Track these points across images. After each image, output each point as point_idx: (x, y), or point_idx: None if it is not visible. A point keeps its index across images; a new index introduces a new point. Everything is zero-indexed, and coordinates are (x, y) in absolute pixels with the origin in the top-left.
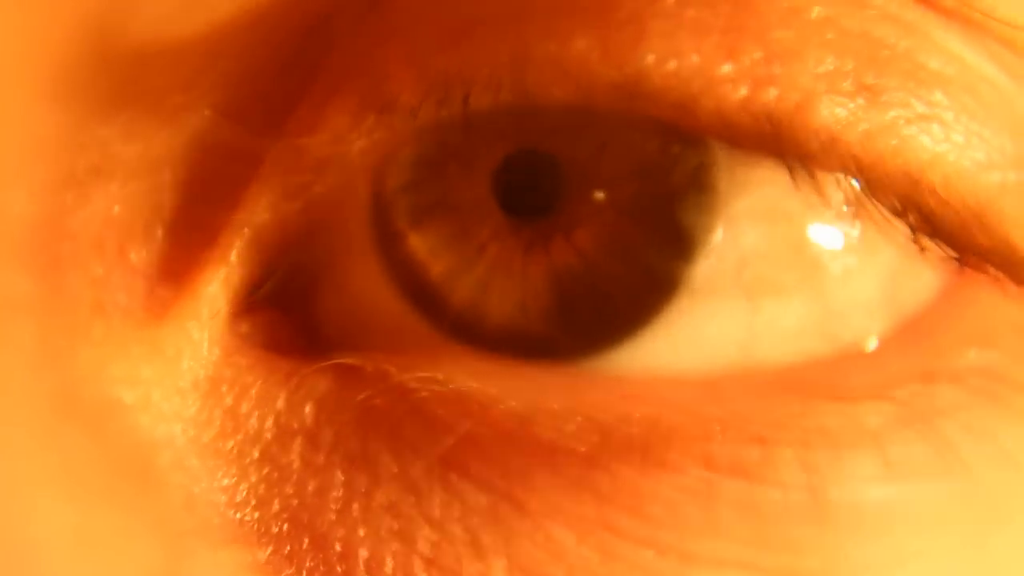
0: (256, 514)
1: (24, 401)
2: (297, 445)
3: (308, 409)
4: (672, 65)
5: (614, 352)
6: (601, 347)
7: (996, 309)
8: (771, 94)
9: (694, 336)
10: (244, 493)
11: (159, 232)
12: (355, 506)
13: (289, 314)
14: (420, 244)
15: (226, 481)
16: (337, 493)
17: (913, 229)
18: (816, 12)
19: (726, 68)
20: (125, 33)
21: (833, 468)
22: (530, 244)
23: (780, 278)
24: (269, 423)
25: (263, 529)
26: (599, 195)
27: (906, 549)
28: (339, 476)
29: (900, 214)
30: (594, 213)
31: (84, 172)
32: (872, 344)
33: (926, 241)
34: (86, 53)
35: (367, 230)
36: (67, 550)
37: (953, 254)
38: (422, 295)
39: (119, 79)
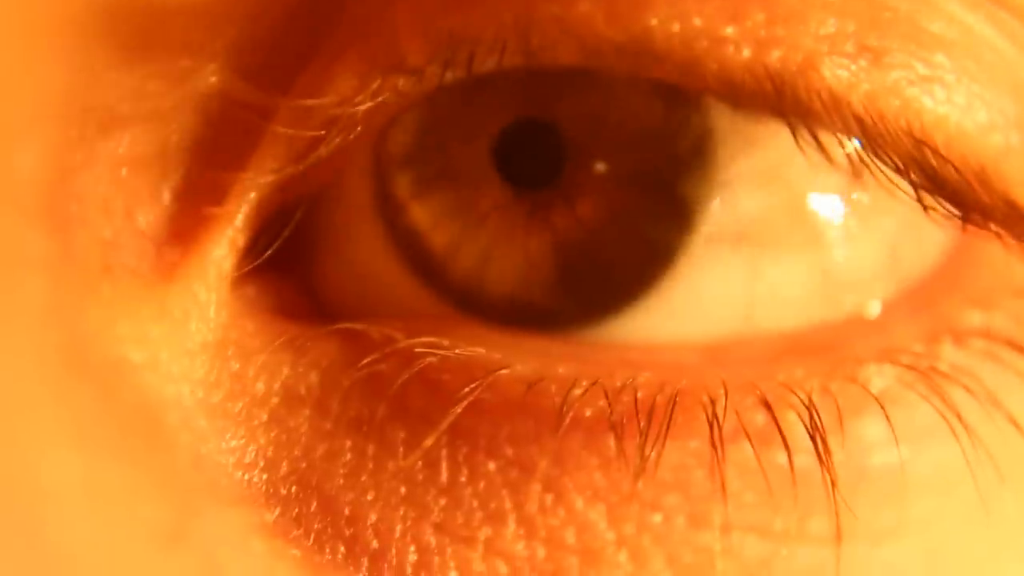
0: (264, 476)
1: (34, 356)
2: (304, 410)
3: (314, 375)
4: (676, 27)
5: (617, 320)
6: (604, 315)
7: (998, 271)
8: (774, 55)
9: (696, 303)
10: (252, 455)
11: (166, 194)
12: (364, 471)
13: (293, 279)
14: (422, 214)
15: (234, 443)
16: (345, 458)
17: (916, 187)
18: None
19: (729, 30)
20: None
21: (838, 432)
22: (532, 214)
23: (781, 244)
24: (276, 387)
25: (271, 491)
26: (600, 165)
27: (912, 511)
28: (347, 442)
29: (903, 173)
30: (595, 182)
31: (92, 131)
32: (875, 308)
33: (929, 199)
34: (98, 11)
35: (370, 199)
36: (76, 502)
37: (956, 212)
38: (425, 264)
39: (130, 38)
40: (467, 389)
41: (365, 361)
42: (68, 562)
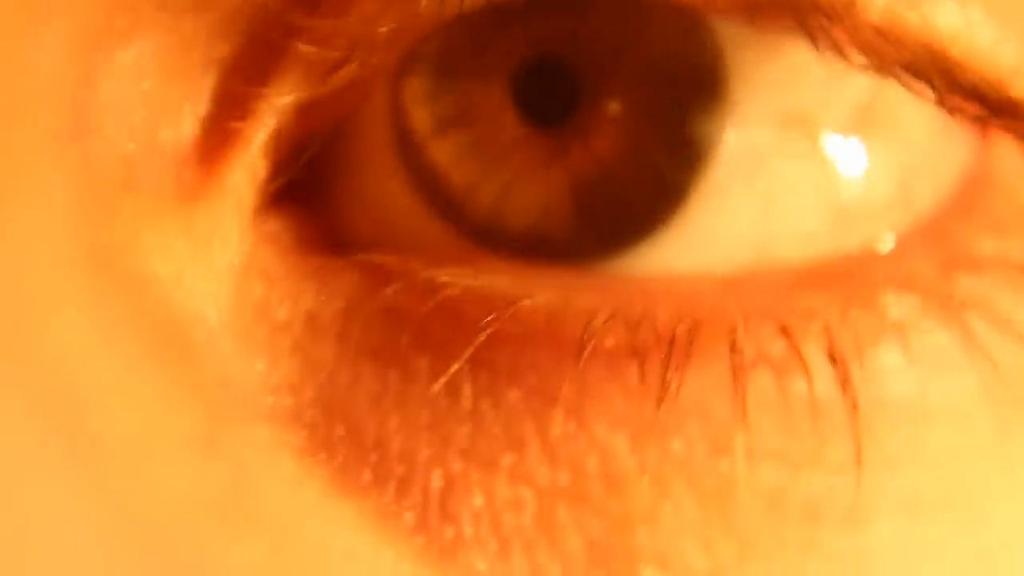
0: (289, 400)
1: (62, 261)
2: (327, 338)
3: (336, 304)
4: None
5: (635, 252)
6: (621, 248)
7: (1012, 198)
8: None
9: (709, 238)
10: (277, 379)
11: (187, 112)
12: (387, 398)
13: (314, 212)
14: (441, 152)
15: (259, 367)
16: (369, 386)
17: (937, 89)
18: None
19: None
20: None
21: (857, 359)
22: (550, 151)
23: (794, 178)
24: (299, 315)
25: (296, 415)
26: (614, 102)
27: (931, 439)
28: (369, 370)
29: (923, 78)
30: (609, 120)
31: (115, 36)
32: (889, 238)
33: (951, 101)
34: None
35: (388, 137)
36: (111, 406)
37: (980, 112)
38: (444, 201)
39: None
40: (489, 318)
41: (388, 291)
42: (107, 463)
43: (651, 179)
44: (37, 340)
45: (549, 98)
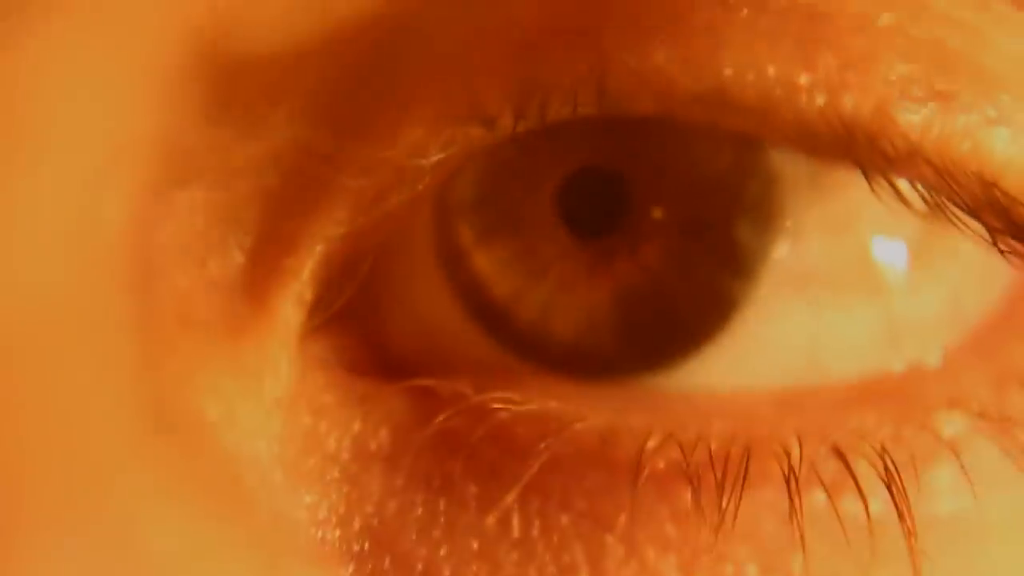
0: (337, 532)
1: (122, 416)
2: (375, 467)
3: (384, 432)
4: (751, 76)
5: (683, 368)
6: (669, 363)
7: None
8: (847, 101)
9: (761, 350)
10: (325, 511)
11: (234, 245)
12: (436, 527)
13: (361, 335)
14: (485, 263)
15: (308, 499)
16: (417, 514)
17: (990, 229)
18: (884, 19)
19: (803, 78)
20: (224, 44)
21: (912, 479)
22: (595, 262)
23: (844, 292)
24: (347, 444)
25: (345, 548)
26: (663, 213)
27: (986, 559)
28: (419, 497)
29: (975, 215)
30: (658, 230)
31: (172, 183)
32: (940, 355)
33: (1003, 242)
34: (186, 63)
35: (433, 248)
36: (171, 563)
37: None
38: (488, 314)
39: (211, 90)
40: (543, 444)
41: (439, 419)
42: None
43: (700, 290)
44: (103, 497)
45: (595, 207)
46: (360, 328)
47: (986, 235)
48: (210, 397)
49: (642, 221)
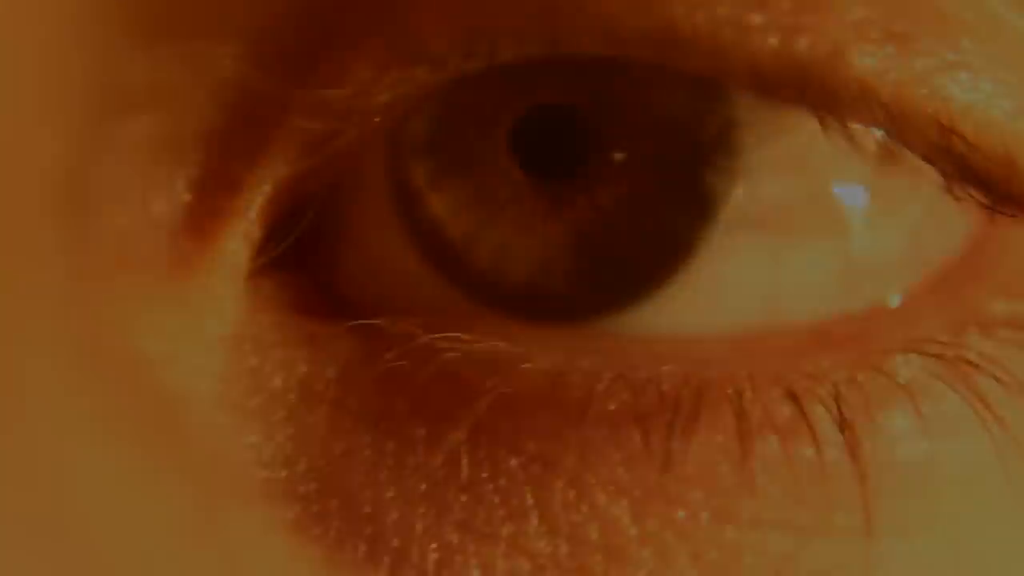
0: (283, 473)
1: (52, 349)
2: (322, 407)
3: (331, 371)
4: (701, 16)
5: (638, 311)
6: (625, 306)
7: (1023, 260)
8: (801, 44)
9: (718, 293)
10: (271, 452)
11: (181, 184)
12: (383, 468)
13: (309, 274)
14: (439, 205)
15: (252, 439)
16: (365, 455)
17: (945, 176)
18: None
19: (756, 18)
20: None
21: (867, 424)
22: (550, 204)
23: (803, 233)
24: (293, 383)
25: (290, 489)
26: (620, 155)
27: (942, 505)
28: (366, 439)
29: (931, 161)
30: (615, 173)
31: (109, 117)
32: (899, 298)
33: (959, 188)
34: None
35: (386, 190)
36: (99, 497)
37: (986, 201)
38: (442, 256)
39: (146, 20)
40: (490, 384)
41: (385, 357)
42: (93, 555)
43: (657, 233)
44: (26, 425)
45: (551, 149)
46: (310, 269)
47: (942, 182)
48: (150, 334)
49: (598, 163)
